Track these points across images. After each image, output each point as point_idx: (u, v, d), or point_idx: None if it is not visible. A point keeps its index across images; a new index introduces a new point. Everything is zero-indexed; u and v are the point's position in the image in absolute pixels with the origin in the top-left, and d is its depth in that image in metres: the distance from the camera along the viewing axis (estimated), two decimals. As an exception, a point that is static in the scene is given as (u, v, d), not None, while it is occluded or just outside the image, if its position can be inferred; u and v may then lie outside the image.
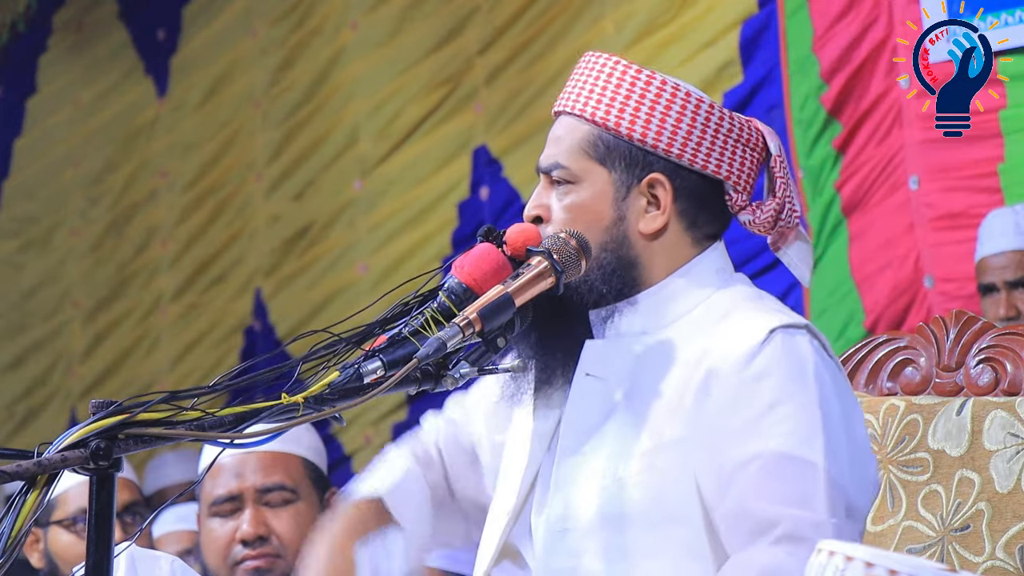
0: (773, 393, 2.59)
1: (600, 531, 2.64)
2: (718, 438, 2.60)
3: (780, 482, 2.54)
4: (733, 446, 2.58)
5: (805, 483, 2.54)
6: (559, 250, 2.62)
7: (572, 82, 2.83)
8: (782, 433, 2.56)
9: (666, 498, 2.61)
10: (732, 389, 2.61)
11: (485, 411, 2.96)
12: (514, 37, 6.31)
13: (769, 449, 2.56)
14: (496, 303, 2.51)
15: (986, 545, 2.80)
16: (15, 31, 8.47)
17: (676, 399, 2.64)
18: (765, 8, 5.41)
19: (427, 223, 6.57)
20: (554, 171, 2.76)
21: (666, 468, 2.62)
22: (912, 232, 5.04)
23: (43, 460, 2.13)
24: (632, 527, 2.62)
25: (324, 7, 7.10)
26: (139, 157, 7.92)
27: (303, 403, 2.36)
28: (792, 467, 2.55)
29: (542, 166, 2.79)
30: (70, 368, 8.08)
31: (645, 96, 2.77)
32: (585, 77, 2.81)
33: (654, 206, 2.75)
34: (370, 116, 6.84)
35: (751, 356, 2.61)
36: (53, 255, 8.26)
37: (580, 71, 2.83)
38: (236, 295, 7.36)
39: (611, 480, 2.64)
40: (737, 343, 2.63)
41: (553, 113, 2.86)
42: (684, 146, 2.74)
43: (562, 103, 2.82)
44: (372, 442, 6.53)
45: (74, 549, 4.26)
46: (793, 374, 2.61)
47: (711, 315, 2.72)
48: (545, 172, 2.78)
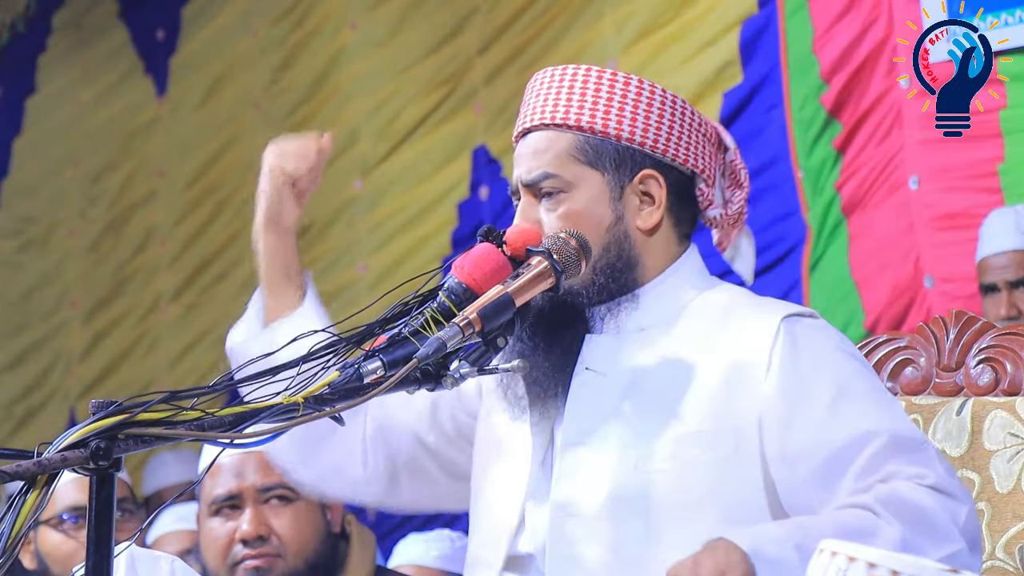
0: (829, 379, 2.63)
1: (610, 519, 2.64)
2: (797, 440, 2.60)
3: (899, 457, 2.55)
4: (823, 440, 2.58)
5: (919, 454, 2.56)
6: (559, 250, 2.62)
7: (536, 98, 2.84)
8: (866, 411, 2.59)
9: (689, 486, 2.62)
10: (783, 389, 2.63)
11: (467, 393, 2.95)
12: (514, 37, 6.31)
13: (867, 430, 2.57)
14: (496, 303, 2.51)
15: (986, 545, 2.80)
16: (15, 31, 8.47)
17: (697, 391, 2.66)
18: (765, 8, 5.41)
19: (427, 223, 6.57)
20: (543, 182, 2.77)
21: (690, 457, 2.63)
22: (912, 232, 5.04)
23: (43, 460, 2.13)
24: (649, 514, 2.63)
25: (324, 7, 7.10)
26: (138, 157, 7.92)
27: (303, 403, 2.36)
28: (900, 440, 2.57)
29: (527, 180, 2.79)
30: (69, 368, 8.08)
31: (626, 96, 2.80)
32: (551, 89, 2.83)
33: (648, 203, 2.77)
34: (370, 116, 6.84)
35: (782, 351, 2.64)
36: (52, 255, 8.26)
37: (541, 86, 2.85)
38: (235, 295, 7.35)
39: (626, 468, 2.65)
40: (758, 336, 2.66)
41: (519, 134, 2.86)
42: (667, 141, 2.78)
43: (530, 119, 2.83)
44: (372, 442, 6.53)
45: (63, 548, 4.26)
46: (830, 353, 2.66)
47: (711, 311, 2.75)
48: (530, 186, 2.78)
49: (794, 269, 5.27)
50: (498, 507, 2.78)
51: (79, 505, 4.23)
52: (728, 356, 2.67)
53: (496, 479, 2.82)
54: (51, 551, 4.29)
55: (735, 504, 2.63)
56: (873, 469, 2.54)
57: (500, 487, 2.80)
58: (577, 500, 2.68)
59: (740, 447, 2.63)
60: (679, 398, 2.67)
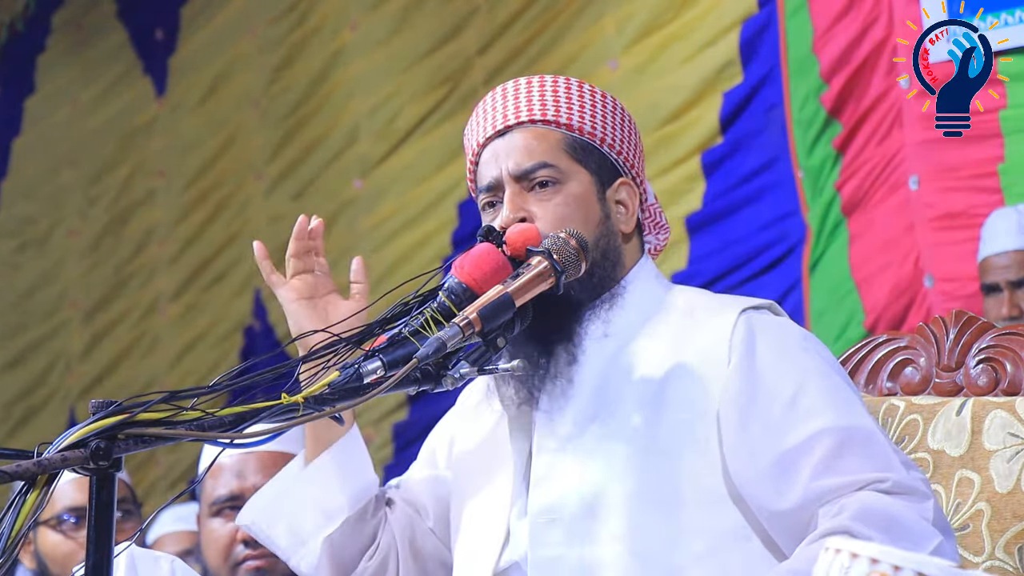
0: (788, 375, 2.64)
1: (589, 519, 2.65)
2: (754, 435, 2.62)
3: (852, 455, 2.57)
4: (779, 437, 2.60)
5: (873, 447, 2.58)
6: (559, 250, 2.62)
7: (512, 101, 2.87)
8: (822, 409, 2.60)
9: (664, 477, 2.63)
10: (741, 382, 2.64)
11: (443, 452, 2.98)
12: (514, 37, 6.31)
13: (822, 428, 2.58)
14: (496, 303, 2.51)
15: (986, 545, 2.80)
16: (14, 31, 8.48)
17: (666, 386, 2.67)
18: (765, 8, 5.41)
19: (427, 223, 6.57)
20: (539, 171, 2.77)
21: (664, 447, 2.64)
22: (912, 232, 5.04)
23: (43, 460, 2.12)
24: (628, 510, 2.63)
25: (323, 6, 7.10)
26: (137, 157, 7.92)
27: (303, 403, 2.36)
28: (855, 436, 2.58)
29: (519, 170, 2.79)
30: (69, 368, 8.08)
31: (605, 107, 2.85)
32: (531, 92, 2.87)
33: (622, 210, 2.81)
34: (370, 116, 6.84)
35: (742, 344, 2.66)
36: (51, 255, 8.27)
37: (516, 91, 2.89)
38: (235, 295, 7.36)
39: (601, 467, 2.66)
40: (718, 330, 2.69)
41: (491, 135, 2.88)
42: (634, 158, 2.85)
43: (513, 117, 2.85)
44: (372, 441, 6.53)
45: (61, 548, 4.27)
46: (791, 349, 2.68)
47: (673, 311, 2.77)
48: (522, 176, 2.79)
49: (794, 269, 5.26)
50: (483, 525, 2.79)
51: (78, 506, 4.23)
52: (691, 351, 2.69)
53: (478, 500, 2.82)
54: (50, 551, 4.29)
55: (709, 487, 2.64)
56: (829, 467, 2.56)
57: (483, 506, 2.80)
58: (555, 504, 2.68)
59: (709, 437, 2.65)
60: (649, 394, 2.68)
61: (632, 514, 2.63)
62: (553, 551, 2.66)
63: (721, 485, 2.64)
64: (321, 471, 2.88)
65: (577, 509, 2.66)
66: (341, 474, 2.87)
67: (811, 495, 2.56)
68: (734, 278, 5.29)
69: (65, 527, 4.26)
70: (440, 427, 3.02)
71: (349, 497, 2.87)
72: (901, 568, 1.88)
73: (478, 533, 2.79)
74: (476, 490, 2.83)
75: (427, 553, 2.96)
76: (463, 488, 2.87)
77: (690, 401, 2.66)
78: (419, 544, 2.95)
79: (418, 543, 2.95)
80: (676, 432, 2.65)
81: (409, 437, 6.35)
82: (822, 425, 2.59)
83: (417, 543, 2.95)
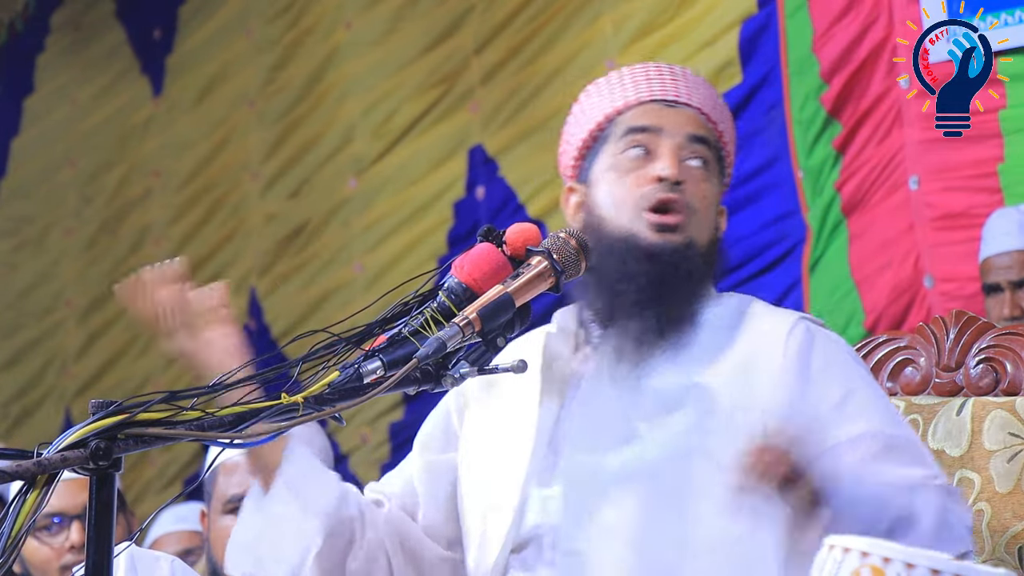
0: (838, 379, 2.69)
1: (631, 482, 2.67)
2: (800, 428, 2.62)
3: (900, 456, 2.61)
4: (825, 433, 2.63)
5: (919, 452, 2.64)
6: (559, 250, 2.62)
7: (688, 83, 2.90)
8: (870, 413, 2.65)
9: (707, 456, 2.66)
10: (792, 380, 2.68)
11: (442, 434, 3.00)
12: (510, 36, 6.31)
13: (868, 430, 2.63)
14: (496, 303, 2.51)
15: (987, 545, 2.80)
16: (13, 31, 8.48)
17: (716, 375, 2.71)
18: (765, 8, 5.41)
19: (423, 222, 6.57)
20: (705, 145, 2.83)
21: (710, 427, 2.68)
22: (912, 232, 5.04)
23: (43, 460, 2.12)
24: (667, 480, 2.66)
25: (319, 6, 7.10)
26: (134, 156, 7.92)
27: (303, 403, 2.36)
28: (900, 442, 2.63)
29: (698, 134, 2.84)
30: (64, 367, 8.07)
31: (734, 138, 2.93)
32: (700, 87, 2.90)
33: (721, 223, 2.88)
34: (365, 115, 6.84)
35: (797, 346, 2.71)
36: (47, 255, 8.26)
37: (688, 77, 2.91)
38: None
39: (647, 436, 2.69)
40: (774, 330, 2.73)
41: (671, 100, 2.88)
42: (730, 168, 2.92)
43: (687, 96, 2.88)
44: (368, 441, 6.53)
45: (38, 554, 4.28)
46: (842, 358, 2.73)
47: (727, 311, 2.80)
48: (697, 139, 2.83)
49: (794, 269, 5.27)
50: (497, 490, 2.80)
51: (53, 511, 4.24)
52: (746, 346, 2.73)
53: (492, 465, 2.83)
54: (30, 556, 4.31)
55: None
56: (869, 469, 2.58)
57: (498, 471, 2.81)
58: (595, 468, 2.70)
59: (767, 429, 2.65)
60: (701, 378, 2.72)
61: (669, 488, 2.66)
62: (586, 513, 2.69)
63: None
64: (281, 500, 2.86)
65: (618, 472, 2.69)
66: (302, 494, 2.86)
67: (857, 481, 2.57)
68: (734, 278, 5.29)
69: (40, 533, 4.27)
70: (438, 413, 3.02)
71: (320, 512, 2.85)
72: (891, 560, 1.91)
73: (491, 501, 2.80)
74: (490, 457, 2.84)
75: (420, 554, 2.96)
76: (474, 461, 2.88)
77: (742, 392, 2.69)
78: (411, 545, 2.95)
79: (411, 544, 2.95)
80: (724, 416, 2.68)
81: (406, 437, 6.34)
82: (868, 428, 2.63)
83: (410, 544, 2.95)
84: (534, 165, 6.06)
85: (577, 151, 2.93)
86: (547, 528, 2.73)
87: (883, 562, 1.92)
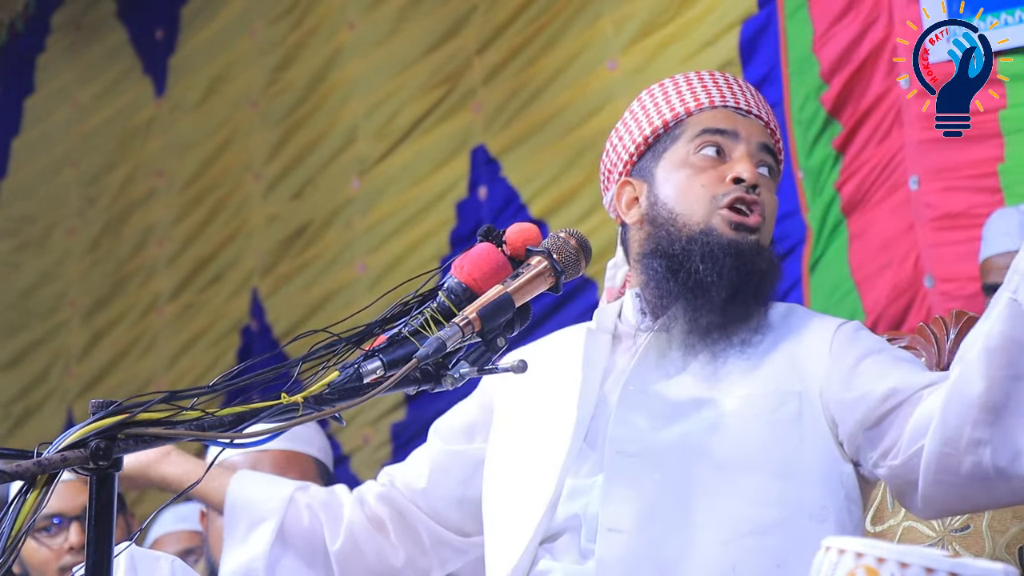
0: (874, 342, 2.78)
1: (679, 466, 2.70)
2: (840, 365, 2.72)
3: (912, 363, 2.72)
4: (854, 357, 2.73)
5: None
6: (559, 250, 2.63)
7: (755, 97, 2.98)
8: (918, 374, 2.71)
9: (750, 440, 2.71)
10: (841, 356, 2.76)
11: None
12: (512, 37, 6.30)
13: (888, 351, 2.75)
14: (496, 303, 2.52)
15: (986, 545, 2.80)
16: (13, 30, 8.47)
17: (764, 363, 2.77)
18: (765, 8, 5.40)
19: (425, 223, 6.57)
20: (773, 157, 2.92)
21: (752, 414, 2.72)
22: (912, 232, 5.03)
23: (43, 460, 2.13)
24: (706, 462, 2.70)
25: (322, 7, 7.10)
26: (136, 157, 7.92)
27: (303, 403, 2.36)
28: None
29: (768, 144, 2.91)
30: (67, 368, 8.07)
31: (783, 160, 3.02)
32: (764, 104, 2.97)
33: None
34: (368, 115, 6.84)
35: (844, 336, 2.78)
36: (50, 255, 8.26)
37: (755, 92, 2.99)
38: (233, 294, 7.36)
39: (689, 417, 2.73)
40: (821, 328, 2.81)
41: (744, 109, 2.94)
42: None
43: (757, 109, 2.96)
44: (370, 441, 6.53)
45: (37, 556, 4.28)
46: (888, 348, 2.80)
47: (775, 312, 2.87)
48: (767, 149, 2.91)
49: (794, 269, 5.26)
50: (531, 484, 2.81)
51: (51, 512, 4.25)
52: (793, 343, 2.78)
53: (527, 460, 2.85)
54: (29, 558, 4.32)
55: (792, 462, 2.70)
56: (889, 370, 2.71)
57: (532, 465, 2.82)
58: (639, 450, 2.73)
59: (804, 411, 2.71)
60: (746, 366, 2.76)
61: (710, 472, 2.69)
62: (629, 491, 2.71)
63: (809, 463, 2.70)
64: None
65: (662, 454, 2.71)
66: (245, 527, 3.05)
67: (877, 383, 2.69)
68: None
69: (39, 534, 4.27)
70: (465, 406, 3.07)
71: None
72: (885, 560, 1.92)
73: (523, 494, 2.81)
74: (524, 452, 2.86)
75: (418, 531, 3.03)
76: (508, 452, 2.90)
77: (785, 378, 2.75)
78: (418, 530, 3.03)
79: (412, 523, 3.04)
80: (768, 403, 2.72)
81: (407, 437, 6.35)
82: (883, 350, 2.75)
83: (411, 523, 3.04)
84: (536, 165, 6.06)
85: (636, 147, 2.94)
86: (583, 518, 2.73)
87: (877, 562, 1.94)
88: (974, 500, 2.56)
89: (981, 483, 2.47)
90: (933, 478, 2.53)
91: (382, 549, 3.03)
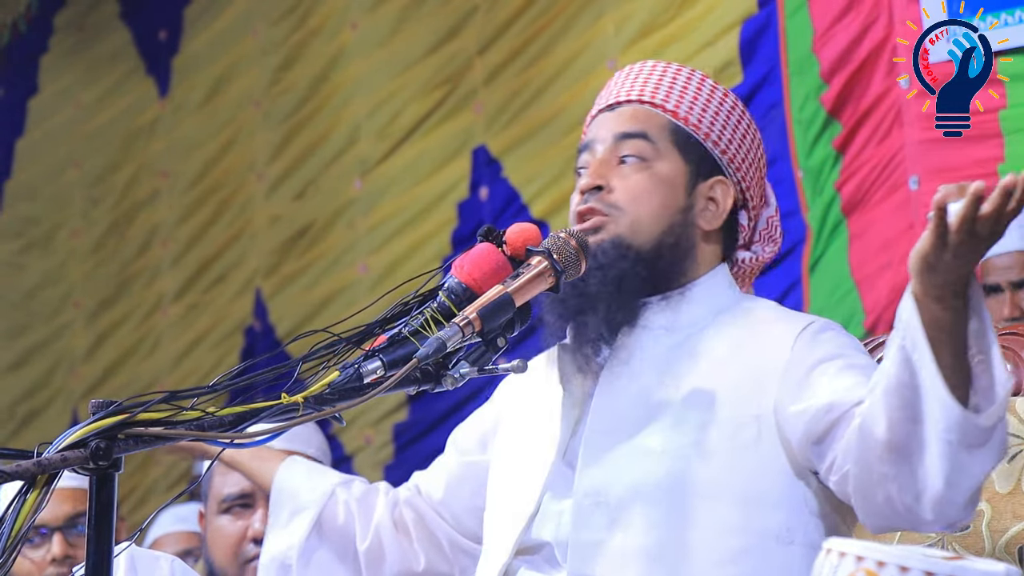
0: (833, 346, 2.71)
1: (638, 505, 2.68)
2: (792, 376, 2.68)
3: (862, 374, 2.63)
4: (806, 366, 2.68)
5: None
6: (559, 250, 2.63)
7: (632, 80, 2.91)
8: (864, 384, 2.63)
9: (712, 471, 2.67)
10: (796, 363, 2.70)
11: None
12: (513, 37, 6.31)
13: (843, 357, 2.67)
14: (496, 303, 2.52)
15: (986, 545, 2.80)
16: (16, 31, 8.47)
17: (722, 385, 2.72)
18: (765, 8, 5.40)
19: (427, 223, 6.57)
20: (635, 139, 2.84)
21: (713, 444, 2.68)
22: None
23: (43, 460, 2.13)
24: (673, 499, 2.67)
25: (324, 7, 7.11)
26: (140, 157, 7.92)
27: (303, 403, 2.36)
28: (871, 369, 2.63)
29: (620, 131, 2.85)
30: (72, 369, 8.08)
31: (721, 106, 2.93)
32: (651, 76, 2.90)
33: (712, 207, 2.85)
34: (370, 116, 6.84)
35: (805, 341, 2.72)
36: (55, 256, 8.26)
37: (639, 72, 2.92)
38: (236, 295, 7.36)
39: (652, 456, 2.70)
40: (783, 338, 2.74)
41: (605, 107, 2.90)
42: (742, 162, 2.90)
43: (625, 95, 2.89)
44: (373, 442, 6.53)
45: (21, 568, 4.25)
46: (852, 348, 2.74)
47: (741, 318, 2.81)
48: (621, 137, 2.84)
49: (794, 269, 5.26)
50: (515, 497, 2.81)
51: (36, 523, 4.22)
52: (753, 353, 2.73)
53: (515, 473, 2.85)
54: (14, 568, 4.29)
55: (753, 488, 2.67)
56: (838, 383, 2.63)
57: (518, 479, 2.83)
58: (603, 488, 2.71)
59: (762, 434, 2.68)
60: (704, 391, 2.72)
61: (674, 506, 2.66)
62: (595, 535, 2.69)
63: (770, 486, 2.68)
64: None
65: (624, 494, 2.69)
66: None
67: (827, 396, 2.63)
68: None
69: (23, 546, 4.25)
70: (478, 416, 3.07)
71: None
72: (885, 564, 1.92)
73: (508, 507, 2.82)
74: (514, 465, 2.87)
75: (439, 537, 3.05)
76: (502, 464, 2.92)
77: (744, 400, 2.70)
78: (438, 536, 3.05)
79: (432, 529, 3.06)
80: (726, 430, 2.69)
81: (409, 437, 6.35)
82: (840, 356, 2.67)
83: (432, 530, 3.06)
84: (537, 165, 6.06)
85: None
86: (555, 544, 2.74)
87: (877, 566, 1.93)
88: (900, 527, 2.57)
89: (897, 515, 2.47)
90: (859, 503, 2.53)
91: (404, 553, 3.04)
